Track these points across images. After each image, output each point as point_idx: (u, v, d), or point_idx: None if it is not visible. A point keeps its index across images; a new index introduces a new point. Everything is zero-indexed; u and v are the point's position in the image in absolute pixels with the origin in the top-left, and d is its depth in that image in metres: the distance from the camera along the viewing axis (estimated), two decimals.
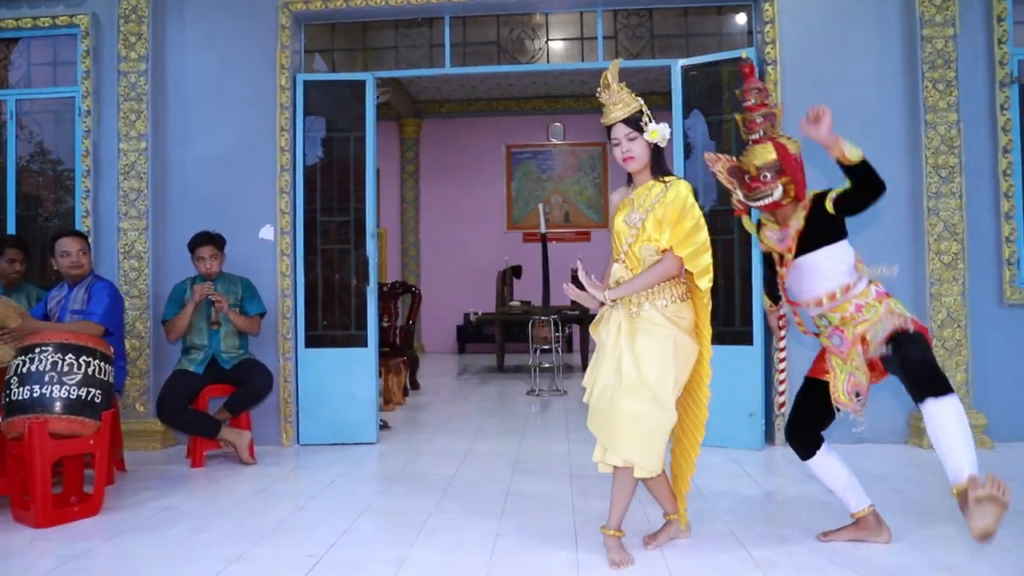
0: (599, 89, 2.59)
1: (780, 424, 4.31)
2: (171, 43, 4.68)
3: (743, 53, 3.99)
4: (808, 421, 2.71)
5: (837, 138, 2.40)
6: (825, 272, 2.59)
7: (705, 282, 2.46)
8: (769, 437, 4.33)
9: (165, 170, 4.65)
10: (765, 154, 2.58)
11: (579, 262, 2.58)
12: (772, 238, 2.72)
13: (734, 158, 2.76)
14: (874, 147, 2.62)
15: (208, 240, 4.19)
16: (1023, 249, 4.31)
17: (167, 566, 2.55)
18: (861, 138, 2.60)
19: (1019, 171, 4.30)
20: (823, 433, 2.71)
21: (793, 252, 2.63)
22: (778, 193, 2.58)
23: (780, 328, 2.95)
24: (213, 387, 4.17)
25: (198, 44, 4.68)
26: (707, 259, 2.46)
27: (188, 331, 4.16)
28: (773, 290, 2.89)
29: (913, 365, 2.39)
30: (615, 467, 2.51)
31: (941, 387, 2.33)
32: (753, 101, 2.66)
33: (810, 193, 2.62)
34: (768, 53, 4.34)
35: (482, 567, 2.49)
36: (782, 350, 2.98)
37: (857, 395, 2.59)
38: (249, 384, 4.13)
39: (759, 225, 2.80)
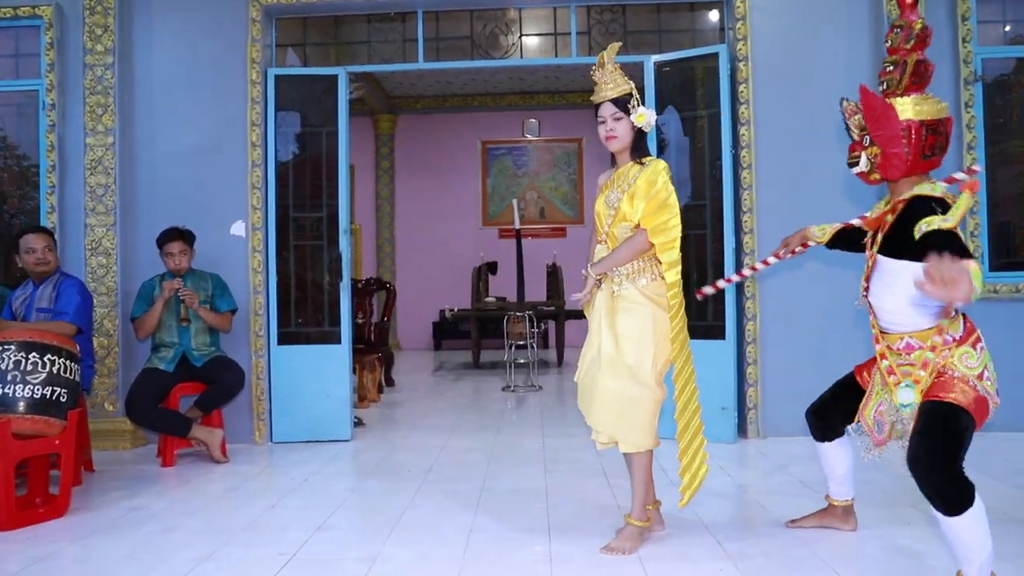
0: (594, 67, 2.65)
1: (752, 418, 4.35)
2: (138, 36, 4.60)
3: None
4: (837, 415, 2.54)
5: (971, 292, 1.56)
6: (903, 291, 2.07)
7: (667, 256, 2.50)
8: (742, 431, 4.38)
9: (133, 165, 4.57)
10: None
11: (555, 256, 2.63)
12: (876, 213, 2.27)
13: None
14: (843, 144, 2.63)
15: (177, 236, 4.13)
16: (987, 244, 4.40)
17: (135, 567, 2.51)
18: (831, 136, 2.60)
19: (983, 168, 4.38)
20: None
21: (878, 245, 2.16)
22: (863, 163, 2.16)
23: (792, 252, 2.64)
24: (184, 385, 4.11)
25: (166, 37, 4.60)
26: (673, 234, 2.50)
27: (158, 328, 4.10)
28: (840, 241, 2.52)
29: (922, 471, 1.95)
30: (624, 454, 2.58)
31: (949, 508, 1.90)
32: (889, 43, 2.14)
33: (917, 189, 2.06)
34: (740, 50, 4.37)
35: (456, 562, 2.49)
36: (766, 263, 2.77)
37: (879, 426, 2.33)
38: (221, 382, 4.08)
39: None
